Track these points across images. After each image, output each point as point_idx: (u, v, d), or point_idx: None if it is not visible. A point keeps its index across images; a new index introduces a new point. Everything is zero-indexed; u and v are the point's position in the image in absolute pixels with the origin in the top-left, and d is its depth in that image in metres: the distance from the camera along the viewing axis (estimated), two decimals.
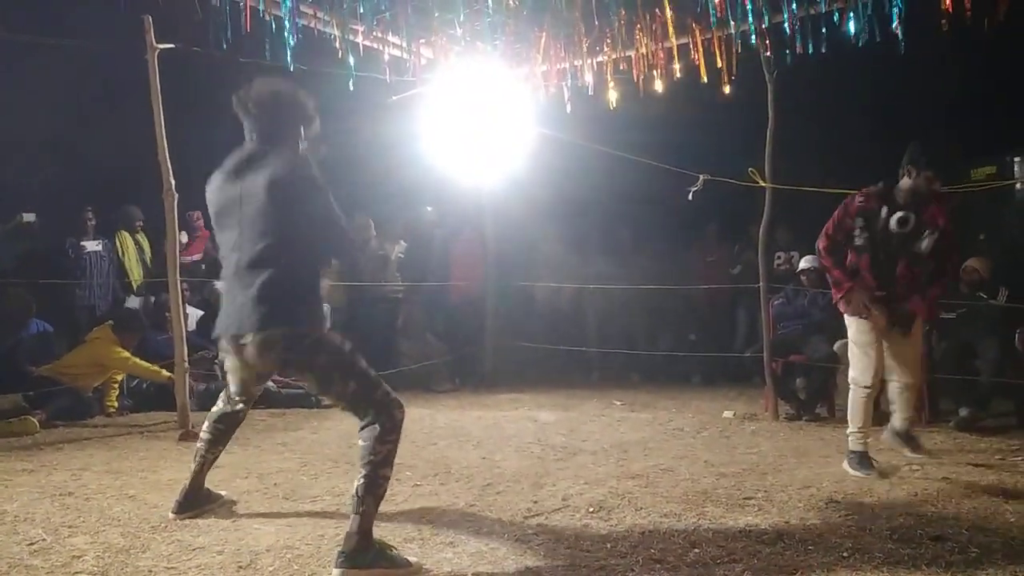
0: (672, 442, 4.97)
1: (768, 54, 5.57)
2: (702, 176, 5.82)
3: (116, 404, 6.29)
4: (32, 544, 3.05)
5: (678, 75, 5.97)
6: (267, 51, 5.37)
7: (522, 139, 6.82)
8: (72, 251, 7.28)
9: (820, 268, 6.10)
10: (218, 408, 3.44)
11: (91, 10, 5.97)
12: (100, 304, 7.35)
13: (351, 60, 5.87)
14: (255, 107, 3.03)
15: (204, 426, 3.49)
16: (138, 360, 6.22)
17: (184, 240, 7.13)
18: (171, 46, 5.38)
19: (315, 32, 5.77)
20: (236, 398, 3.36)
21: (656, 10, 5.78)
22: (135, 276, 7.61)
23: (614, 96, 6.26)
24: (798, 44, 5.43)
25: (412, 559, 2.80)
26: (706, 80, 5.85)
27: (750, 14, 5.47)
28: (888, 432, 4.47)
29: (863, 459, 4.06)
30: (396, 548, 2.84)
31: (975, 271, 5.71)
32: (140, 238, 7.75)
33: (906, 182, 4.08)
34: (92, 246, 7.40)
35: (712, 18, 5.59)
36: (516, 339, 7.90)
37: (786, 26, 5.42)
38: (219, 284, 3.08)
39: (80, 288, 7.29)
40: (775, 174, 5.64)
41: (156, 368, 6.20)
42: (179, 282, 5.49)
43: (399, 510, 3.49)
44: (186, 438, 5.10)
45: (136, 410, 6.32)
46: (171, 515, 3.36)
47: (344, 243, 3.07)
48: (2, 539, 3.11)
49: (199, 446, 3.47)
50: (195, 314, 7.00)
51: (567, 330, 8.09)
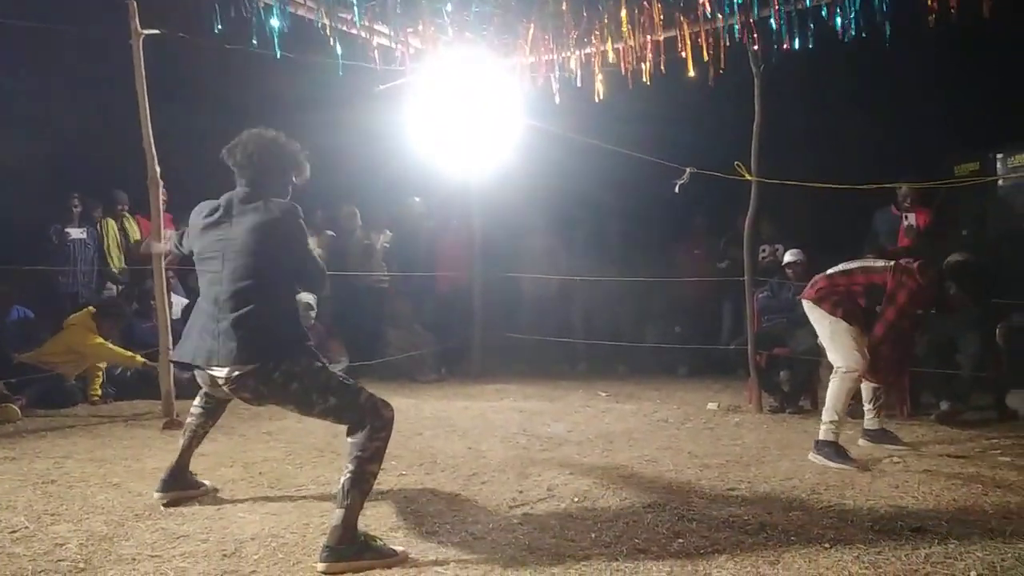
0: (657, 433, 4.99)
1: (755, 48, 5.58)
2: (688, 169, 5.83)
3: (100, 392, 6.24)
4: (14, 532, 3.04)
5: (664, 69, 5.97)
6: (253, 39, 5.31)
7: (510, 130, 6.80)
8: (56, 237, 7.20)
9: (805, 262, 6.16)
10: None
11: None
12: (84, 292, 7.29)
13: (339, 49, 5.83)
14: (243, 159, 3.09)
15: (195, 401, 3.54)
16: (112, 346, 6.17)
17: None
18: (156, 32, 5.33)
19: (304, 21, 5.72)
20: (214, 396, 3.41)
21: (644, 3, 5.78)
22: (115, 263, 7.53)
23: (601, 88, 6.26)
24: (784, 39, 5.44)
25: (398, 548, 2.81)
26: (693, 74, 5.85)
27: (736, 8, 5.48)
28: (863, 436, 4.56)
29: (840, 449, 4.11)
30: (381, 539, 2.85)
31: None
32: (127, 223, 7.66)
33: (947, 292, 4.25)
34: (76, 233, 7.30)
35: (700, 11, 5.60)
36: (503, 330, 7.91)
37: (772, 21, 5.43)
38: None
39: (63, 275, 7.22)
40: (761, 168, 5.67)
41: (130, 354, 6.16)
42: (164, 270, 5.45)
43: (384, 500, 3.49)
44: (170, 427, 5.08)
45: (120, 398, 6.28)
46: (156, 494, 3.39)
47: (321, 280, 3.21)
48: None
49: (189, 420, 3.53)
50: (179, 302, 6.96)
51: (554, 321, 8.10)
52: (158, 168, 5.35)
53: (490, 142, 6.91)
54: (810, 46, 5.46)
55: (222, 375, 2.90)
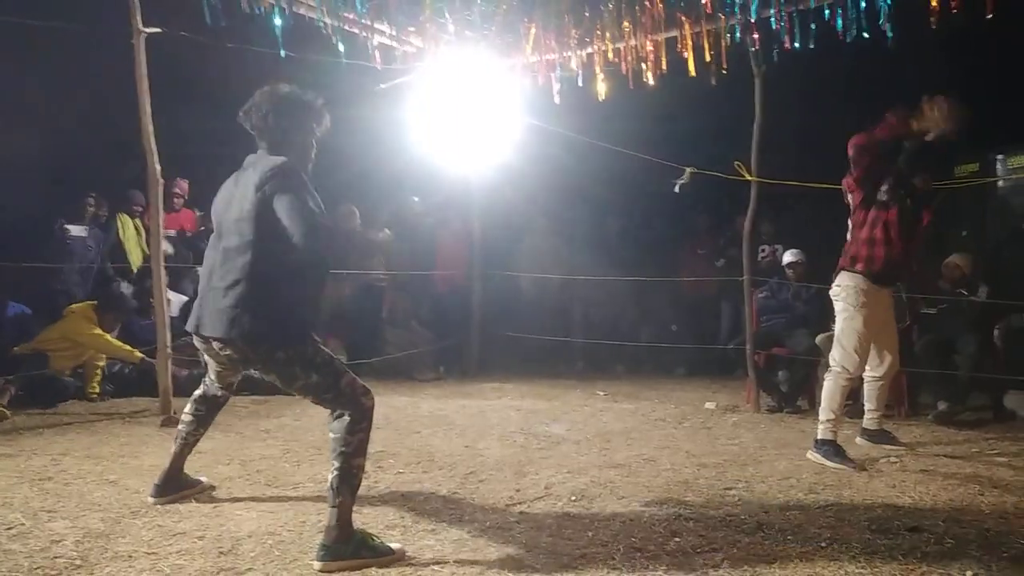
0: (654, 432, 5.00)
1: (755, 49, 5.59)
2: (688, 169, 5.83)
3: (98, 389, 6.24)
4: (11, 529, 3.03)
5: (665, 69, 5.97)
6: (255, 34, 5.32)
7: (510, 129, 6.81)
8: (59, 234, 7.04)
9: (804, 262, 6.15)
10: (200, 391, 3.45)
11: None
12: (79, 292, 7.11)
13: (341, 47, 5.83)
14: (259, 120, 2.99)
15: (186, 408, 3.49)
16: (110, 339, 6.14)
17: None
18: (158, 30, 5.33)
19: (304, 19, 5.72)
20: (215, 384, 3.36)
21: (646, 2, 5.78)
22: (134, 259, 7.37)
23: (603, 88, 6.26)
24: (784, 39, 5.45)
25: (395, 546, 2.81)
26: (695, 74, 5.86)
27: (737, 8, 5.48)
28: (862, 435, 4.56)
29: (838, 449, 4.11)
30: (378, 536, 2.85)
31: (957, 267, 5.77)
32: (138, 223, 7.52)
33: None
34: (77, 231, 7.11)
35: (702, 11, 5.60)
36: (501, 329, 7.91)
37: (772, 20, 5.43)
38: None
39: (62, 273, 7.09)
40: (761, 168, 5.67)
41: (128, 348, 6.14)
42: (162, 267, 5.45)
43: (381, 497, 3.49)
44: (168, 424, 5.07)
45: (118, 395, 6.27)
46: (150, 499, 3.36)
47: (304, 235, 2.74)
48: None
49: (180, 428, 3.48)
50: (178, 300, 6.95)
51: (552, 320, 8.09)
52: (159, 167, 5.35)
53: (490, 141, 6.91)
54: (811, 46, 5.47)
55: (214, 342, 2.92)
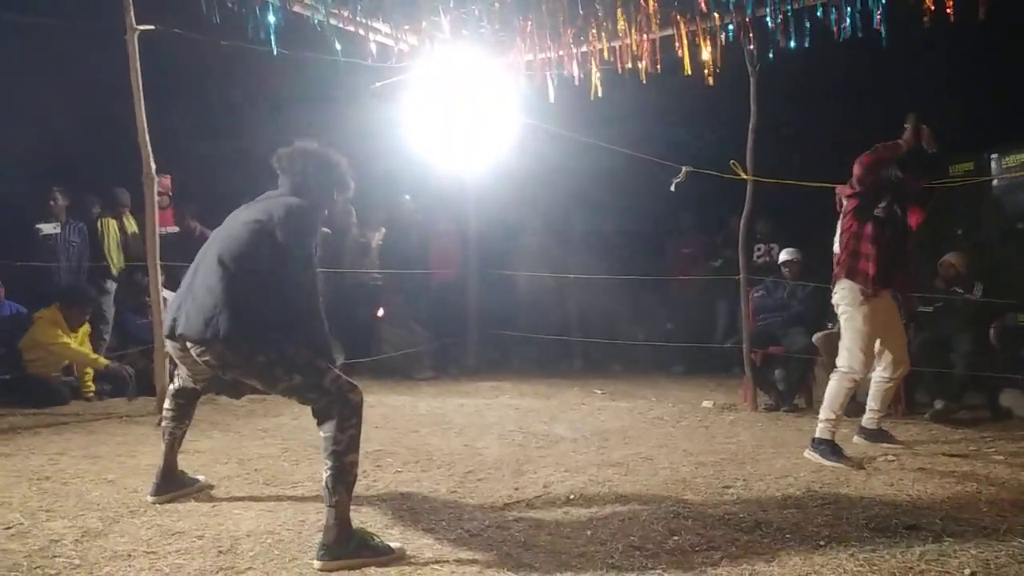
0: (652, 431, 5.00)
1: (751, 47, 5.59)
2: (685, 168, 5.84)
3: (93, 388, 6.22)
4: (9, 528, 3.03)
5: (659, 67, 5.98)
6: (249, 31, 5.31)
7: (505, 128, 6.80)
8: (35, 235, 6.83)
9: (800, 261, 6.16)
10: (175, 385, 3.46)
11: None
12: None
13: (337, 46, 5.83)
14: (288, 165, 3.14)
15: (165, 404, 3.51)
16: (76, 347, 6.12)
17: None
18: (151, 28, 5.31)
19: (299, 17, 5.71)
20: (190, 378, 3.37)
21: (641, 1, 5.78)
22: (114, 262, 7.32)
23: (599, 86, 6.26)
24: (779, 38, 5.46)
25: (395, 545, 2.81)
26: (690, 72, 5.86)
27: (732, 7, 5.49)
28: (859, 433, 4.58)
29: (835, 448, 4.12)
30: (378, 535, 2.85)
31: (952, 266, 5.78)
32: (127, 221, 7.31)
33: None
34: (48, 229, 6.91)
35: (696, 10, 5.61)
36: (498, 328, 7.92)
37: (768, 20, 5.44)
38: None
39: (52, 272, 6.99)
40: (756, 167, 5.68)
41: (94, 356, 6.14)
42: (159, 266, 5.43)
43: (380, 497, 3.49)
44: None
45: (114, 395, 6.26)
46: (149, 498, 3.36)
47: (299, 287, 2.94)
48: None
49: (164, 425, 3.49)
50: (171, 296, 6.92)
51: (549, 319, 8.10)
52: (153, 164, 5.34)
53: (485, 139, 6.91)
54: (806, 45, 5.48)
55: (191, 345, 2.93)
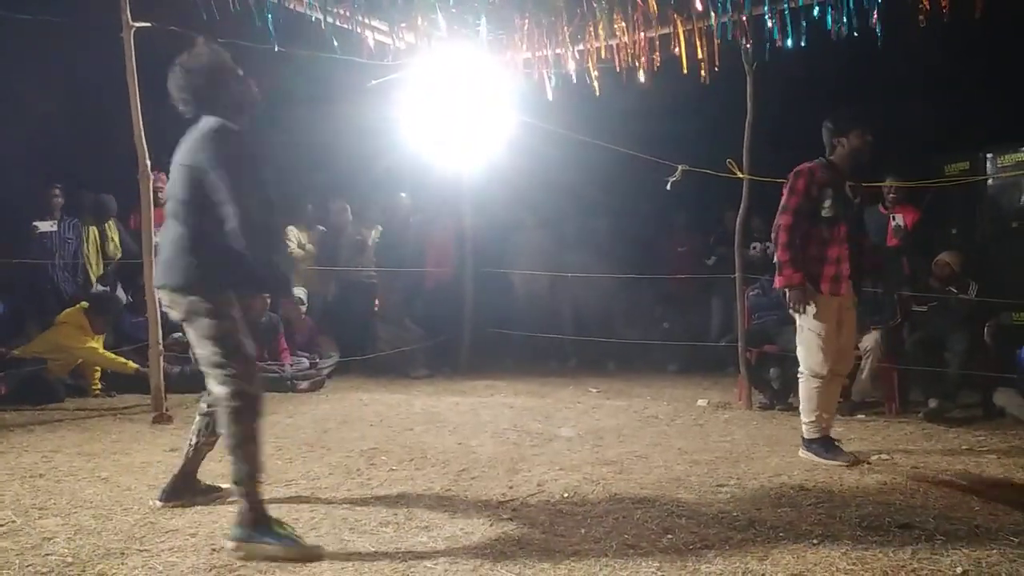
0: (646, 429, 5.01)
1: (747, 46, 5.60)
2: (681, 166, 5.84)
3: (100, 386, 6.22)
4: (2, 526, 3.02)
5: (657, 66, 5.98)
6: (246, 29, 5.30)
7: (501, 126, 6.80)
8: (32, 233, 6.84)
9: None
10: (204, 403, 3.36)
11: None
12: (66, 288, 6.98)
13: (335, 43, 5.82)
14: (176, 93, 3.04)
15: (197, 419, 3.39)
16: (104, 352, 6.12)
17: None
18: (147, 24, 5.30)
19: (295, 15, 5.70)
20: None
21: (639, 0, 5.79)
22: (93, 269, 7.25)
23: (597, 85, 6.26)
24: (776, 37, 5.46)
25: (309, 543, 2.80)
26: (687, 71, 5.87)
27: (729, 5, 5.49)
28: (802, 449, 4.21)
29: (828, 444, 4.09)
30: (289, 528, 2.85)
31: (947, 265, 5.79)
32: (108, 228, 7.31)
33: (841, 151, 4.09)
34: (45, 227, 6.91)
35: (693, 9, 5.62)
36: (493, 326, 7.92)
37: (767, 19, 5.44)
38: None
39: (49, 270, 6.99)
40: (752, 166, 5.68)
41: (123, 360, 6.13)
42: (154, 264, 5.41)
43: (375, 495, 3.49)
44: (159, 421, 5.07)
45: (110, 392, 6.25)
46: (157, 503, 3.29)
47: (238, 226, 2.80)
48: None
49: (193, 439, 3.38)
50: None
51: (544, 317, 8.10)
52: (149, 162, 5.32)
53: (481, 137, 6.90)
54: (802, 44, 5.48)
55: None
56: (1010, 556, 2.70)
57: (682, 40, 5.79)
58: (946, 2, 4.78)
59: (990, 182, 7.26)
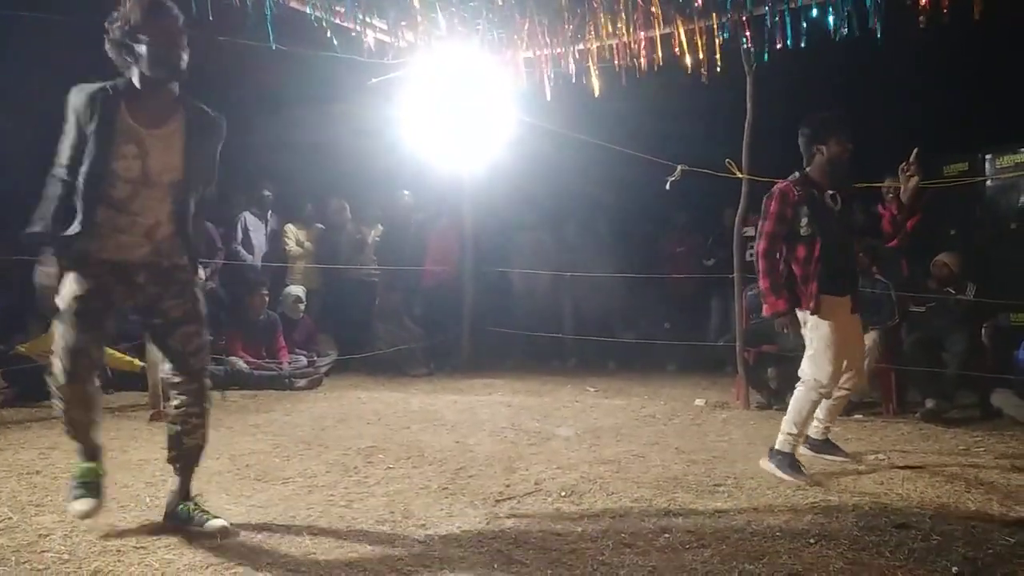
0: (644, 429, 5.01)
1: (747, 47, 5.60)
2: (680, 166, 5.84)
3: (99, 383, 6.19)
4: None
5: (656, 66, 5.98)
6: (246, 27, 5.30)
7: (502, 125, 6.80)
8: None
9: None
10: None
11: None
12: None
13: (335, 41, 5.82)
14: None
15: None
16: (111, 351, 6.11)
17: None
18: None
19: (295, 13, 5.70)
20: None
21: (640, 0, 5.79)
22: None
23: (597, 84, 6.26)
24: (776, 38, 5.46)
25: (218, 522, 2.88)
26: (688, 71, 5.87)
27: (729, 5, 5.50)
28: (804, 443, 4.10)
29: (793, 462, 3.82)
30: (199, 509, 2.95)
31: (945, 266, 5.80)
32: None
33: (820, 159, 3.93)
34: None
35: (693, 9, 5.62)
36: (492, 324, 7.92)
37: (768, 20, 5.44)
38: None
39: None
40: (751, 166, 5.68)
41: (130, 359, 6.12)
42: None
43: (372, 492, 3.49)
44: (157, 418, 5.05)
45: (107, 390, 6.24)
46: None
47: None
48: None
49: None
50: None
51: (543, 316, 8.11)
52: None
53: (482, 137, 6.90)
54: (802, 45, 5.48)
55: None
56: (1006, 557, 2.70)
57: (683, 40, 5.79)
58: (946, 3, 4.78)
59: (989, 183, 7.27)
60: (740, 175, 5.66)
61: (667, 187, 5.89)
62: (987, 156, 7.26)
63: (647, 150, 6.07)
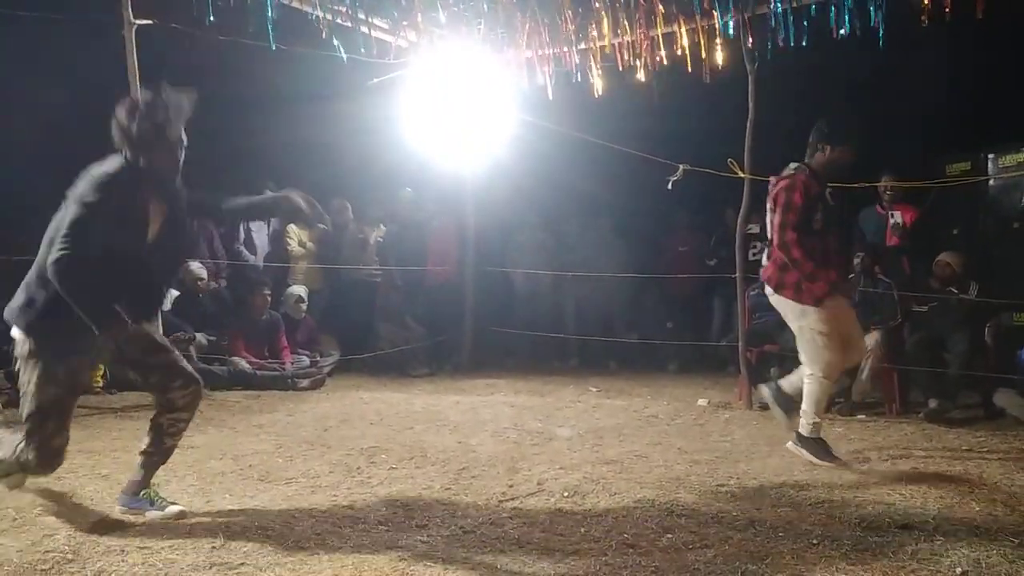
0: (647, 429, 5.01)
1: (750, 45, 5.59)
2: (682, 166, 5.84)
3: (101, 382, 6.21)
4: (1, 522, 3.03)
5: (659, 65, 5.98)
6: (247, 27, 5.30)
7: (503, 125, 6.79)
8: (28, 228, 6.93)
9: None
10: None
11: None
12: None
13: (335, 41, 5.82)
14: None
15: None
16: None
17: None
18: (149, 22, 5.30)
19: (296, 13, 5.70)
20: None
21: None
22: None
23: (599, 84, 6.25)
24: (780, 36, 5.46)
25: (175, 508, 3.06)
26: (690, 70, 5.86)
27: (731, 4, 5.49)
28: (792, 442, 4.15)
29: (823, 446, 4.02)
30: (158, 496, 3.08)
31: (947, 265, 5.78)
32: None
33: (821, 157, 4.03)
34: None
35: (696, 8, 5.62)
36: (494, 325, 7.92)
37: (771, 19, 5.44)
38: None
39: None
40: (754, 165, 5.68)
41: None
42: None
43: (374, 493, 3.49)
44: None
45: (111, 390, 6.24)
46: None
47: (53, 259, 2.76)
48: None
49: None
50: (170, 295, 6.92)
51: (545, 316, 8.10)
52: None
53: (483, 136, 6.90)
54: (804, 44, 5.48)
55: None
56: (1010, 557, 2.70)
57: (685, 39, 5.79)
58: (948, 2, 4.78)
59: (991, 182, 7.25)
60: (742, 174, 5.65)
61: (669, 186, 5.88)
62: (990, 155, 7.24)
63: (649, 149, 6.07)
